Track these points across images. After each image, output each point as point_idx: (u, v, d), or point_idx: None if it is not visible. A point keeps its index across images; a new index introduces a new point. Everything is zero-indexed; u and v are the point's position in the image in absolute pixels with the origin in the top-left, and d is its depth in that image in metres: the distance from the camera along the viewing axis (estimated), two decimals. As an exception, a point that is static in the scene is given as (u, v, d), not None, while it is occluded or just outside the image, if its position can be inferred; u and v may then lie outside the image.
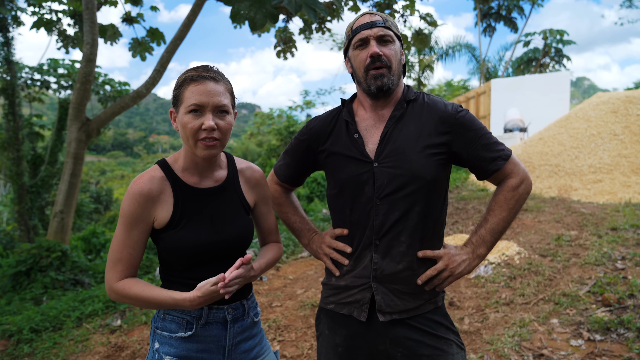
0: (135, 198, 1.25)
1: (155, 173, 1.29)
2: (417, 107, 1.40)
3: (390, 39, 1.35)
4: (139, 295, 1.24)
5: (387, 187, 1.34)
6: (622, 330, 2.88)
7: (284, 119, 20.20)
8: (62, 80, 13.98)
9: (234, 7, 4.33)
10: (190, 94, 1.23)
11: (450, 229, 5.80)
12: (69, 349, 3.46)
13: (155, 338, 1.34)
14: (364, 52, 1.36)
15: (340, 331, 1.43)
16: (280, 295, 4.15)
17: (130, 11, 7.58)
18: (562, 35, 22.80)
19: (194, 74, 1.25)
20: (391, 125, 1.38)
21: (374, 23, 1.34)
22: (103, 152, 63.41)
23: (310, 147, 1.50)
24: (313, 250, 1.54)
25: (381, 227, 1.36)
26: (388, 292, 1.36)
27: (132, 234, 1.26)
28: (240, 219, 1.38)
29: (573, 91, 32.14)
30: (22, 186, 12.42)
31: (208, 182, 1.35)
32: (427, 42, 8.72)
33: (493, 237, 1.38)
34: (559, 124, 9.55)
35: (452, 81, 28.83)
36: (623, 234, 4.75)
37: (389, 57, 1.34)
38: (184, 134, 1.26)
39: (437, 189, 1.37)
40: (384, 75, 1.34)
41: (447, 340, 1.38)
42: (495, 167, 1.37)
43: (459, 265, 1.36)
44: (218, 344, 1.33)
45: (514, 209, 1.37)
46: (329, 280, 1.50)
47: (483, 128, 1.38)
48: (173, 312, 1.31)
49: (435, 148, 1.35)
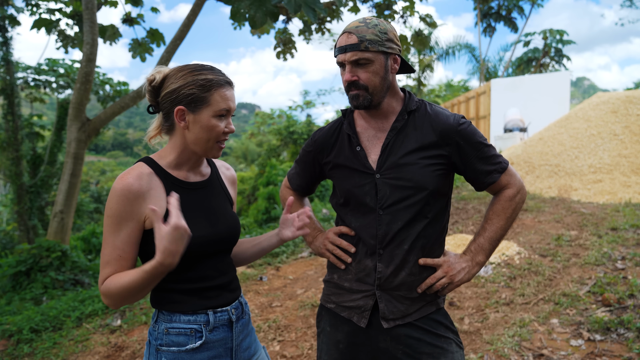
0: (123, 195, 1.18)
1: (143, 169, 1.25)
2: (419, 118, 1.42)
3: (365, 61, 1.33)
4: (121, 286, 1.15)
5: (390, 198, 1.38)
6: (622, 330, 2.88)
7: (284, 119, 20.21)
8: (60, 80, 13.96)
9: (234, 6, 4.34)
10: (221, 99, 1.25)
11: (450, 229, 5.80)
12: (69, 349, 3.46)
13: (161, 356, 1.25)
14: (344, 75, 1.38)
15: (342, 328, 1.46)
16: (280, 295, 4.15)
17: (130, 12, 7.58)
18: (562, 35, 22.82)
19: (221, 79, 1.27)
20: (392, 137, 1.40)
21: (347, 47, 1.33)
22: (103, 152, 63.41)
23: (316, 158, 1.55)
24: (316, 247, 1.56)
25: (384, 237, 1.39)
26: (392, 299, 1.40)
27: (121, 235, 1.19)
28: (230, 212, 1.39)
29: (573, 91, 32.15)
30: (21, 186, 12.42)
31: (196, 177, 1.35)
32: (426, 43, 8.75)
33: (491, 245, 1.42)
34: (559, 124, 9.54)
35: (452, 81, 28.85)
36: (623, 234, 4.75)
37: (364, 80, 1.34)
38: (207, 135, 1.26)
39: (439, 198, 1.41)
40: (359, 96, 1.36)
41: (447, 338, 1.41)
42: (491, 180, 1.41)
43: (458, 272, 1.40)
44: (226, 347, 1.32)
45: (511, 217, 1.42)
46: (331, 277, 1.52)
47: (482, 142, 1.40)
48: (177, 325, 1.26)
49: (436, 159, 1.38)
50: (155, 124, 1.34)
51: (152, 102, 1.31)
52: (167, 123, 1.30)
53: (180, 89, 1.24)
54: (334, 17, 7.00)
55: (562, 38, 22.95)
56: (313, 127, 17.77)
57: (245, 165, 36.37)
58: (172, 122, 1.29)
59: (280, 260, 5.25)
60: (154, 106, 1.32)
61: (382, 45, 1.33)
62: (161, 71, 1.29)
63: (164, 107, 1.28)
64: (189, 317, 1.26)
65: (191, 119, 1.25)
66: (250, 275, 4.73)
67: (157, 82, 1.28)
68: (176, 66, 1.31)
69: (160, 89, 1.29)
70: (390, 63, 1.38)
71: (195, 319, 1.27)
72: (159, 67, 1.31)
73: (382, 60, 1.35)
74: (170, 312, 1.27)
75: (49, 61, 14.07)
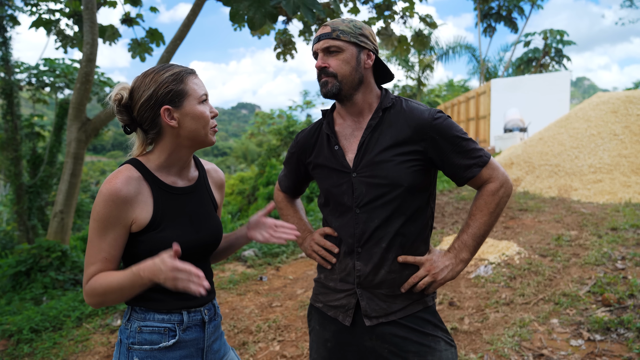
0: (111, 199, 1.18)
1: (131, 173, 1.23)
2: (394, 115, 1.42)
3: (336, 49, 1.36)
4: (108, 285, 1.17)
5: (366, 196, 1.38)
6: (622, 330, 2.88)
7: (284, 119, 20.22)
8: (57, 80, 13.94)
9: (233, 8, 4.34)
10: (196, 86, 1.27)
11: (450, 229, 5.80)
12: (69, 349, 3.46)
13: (133, 355, 1.25)
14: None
15: (330, 327, 1.48)
16: (280, 295, 4.15)
17: (130, 12, 7.58)
18: (562, 36, 22.85)
19: (186, 69, 1.28)
20: (367, 135, 1.40)
21: (320, 36, 1.38)
22: (103, 152, 63.39)
23: (300, 159, 1.57)
24: (305, 248, 1.58)
25: (362, 235, 1.39)
26: (373, 297, 1.40)
27: (107, 238, 1.19)
28: (214, 217, 1.39)
29: (573, 91, 32.13)
30: (21, 186, 12.42)
31: (183, 182, 1.35)
32: (426, 44, 8.74)
33: (475, 242, 1.40)
34: (559, 124, 9.54)
35: (453, 81, 28.86)
36: (623, 234, 4.75)
37: (334, 67, 1.37)
38: (199, 124, 1.27)
39: (417, 195, 1.39)
40: (327, 83, 1.38)
41: (434, 337, 1.39)
42: (470, 174, 1.38)
43: (441, 271, 1.38)
44: (197, 347, 1.33)
45: (494, 212, 1.39)
46: (319, 277, 1.55)
47: (459, 135, 1.37)
48: (151, 323, 1.26)
49: (411, 155, 1.37)
50: (138, 142, 1.30)
51: (125, 122, 1.28)
52: (154, 131, 1.27)
53: (155, 92, 1.23)
54: (333, 18, 7.00)
55: (562, 38, 22.97)
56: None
57: (245, 165, 36.37)
58: (160, 127, 1.26)
59: (280, 260, 5.26)
60: (128, 125, 1.28)
61: (354, 37, 1.37)
62: (125, 87, 1.26)
63: (145, 117, 1.25)
64: (163, 316, 1.27)
65: (179, 115, 1.25)
66: (250, 275, 4.73)
67: (126, 100, 1.25)
68: (136, 77, 1.29)
69: (131, 105, 1.26)
70: (364, 58, 1.39)
71: (169, 318, 1.27)
72: (119, 85, 1.27)
73: (354, 51, 1.37)
74: (145, 311, 1.27)
75: (46, 61, 14.04)
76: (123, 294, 1.19)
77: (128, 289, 1.17)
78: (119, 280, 1.17)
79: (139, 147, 1.30)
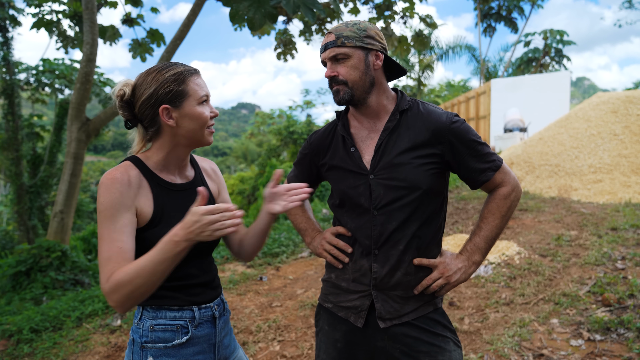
0: (112, 185, 1.17)
1: (130, 169, 1.24)
2: (411, 117, 1.42)
3: (343, 56, 1.36)
4: (134, 271, 1.10)
5: (384, 198, 1.38)
6: (622, 330, 2.88)
7: (284, 119, 20.21)
8: (57, 81, 13.92)
9: (233, 8, 4.34)
10: (197, 87, 1.28)
11: (450, 229, 5.80)
12: (69, 349, 3.46)
13: (147, 354, 1.25)
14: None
15: (340, 327, 1.47)
16: (280, 295, 4.15)
17: (130, 12, 7.58)
18: (562, 36, 22.85)
19: (189, 69, 1.29)
20: (385, 137, 1.41)
21: (326, 45, 1.39)
22: (103, 152, 63.41)
23: (313, 161, 1.57)
24: (314, 247, 1.57)
25: (379, 237, 1.39)
26: (388, 298, 1.41)
27: (117, 225, 1.15)
28: None
29: (573, 91, 32.14)
30: (21, 186, 12.43)
31: (181, 179, 1.37)
32: (426, 44, 8.73)
33: (487, 244, 1.41)
34: (559, 124, 9.54)
35: (453, 81, 28.87)
36: (623, 234, 4.75)
37: (343, 75, 1.37)
38: (197, 124, 1.28)
39: (433, 198, 1.40)
40: (339, 91, 1.39)
41: (444, 337, 1.41)
42: (485, 177, 1.40)
43: (454, 273, 1.40)
44: (209, 343, 1.34)
45: (506, 216, 1.41)
46: (329, 277, 1.54)
47: (475, 140, 1.39)
48: (163, 321, 1.27)
49: (429, 158, 1.38)
50: (138, 137, 1.32)
51: (127, 117, 1.30)
52: (153, 128, 1.29)
53: (156, 90, 1.24)
54: (334, 18, 7.00)
55: (562, 38, 22.97)
56: (313, 127, 17.77)
57: (245, 165, 36.36)
58: (159, 125, 1.28)
59: (280, 260, 5.26)
60: (130, 120, 1.31)
61: (359, 41, 1.36)
62: (128, 84, 1.28)
63: (145, 115, 1.27)
64: (174, 314, 1.28)
65: (178, 114, 1.26)
66: (250, 275, 4.74)
67: (128, 96, 1.27)
68: (140, 73, 1.30)
69: (133, 101, 1.28)
70: (372, 59, 1.38)
71: (181, 315, 1.29)
72: (122, 80, 1.29)
73: (361, 55, 1.37)
74: (156, 309, 1.28)
75: (44, 62, 14.01)
76: (155, 274, 1.11)
77: (161, 263, 1.10)
78: (149, 257, 1.11)
79: (138, 142, 1.33)
